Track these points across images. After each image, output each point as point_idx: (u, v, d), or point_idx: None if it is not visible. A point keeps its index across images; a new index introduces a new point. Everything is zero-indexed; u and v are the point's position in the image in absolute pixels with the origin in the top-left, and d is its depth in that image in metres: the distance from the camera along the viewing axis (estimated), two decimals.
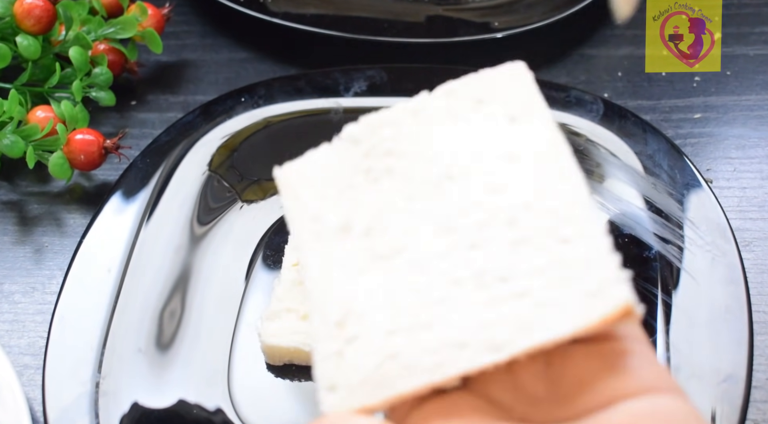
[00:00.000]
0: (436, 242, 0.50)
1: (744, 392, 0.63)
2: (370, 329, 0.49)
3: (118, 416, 0.66)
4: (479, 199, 0.50)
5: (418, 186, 0.52)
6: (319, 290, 0.51)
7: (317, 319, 0.51)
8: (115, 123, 0.91)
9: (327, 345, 0.50)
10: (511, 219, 0.49)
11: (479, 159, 0.52)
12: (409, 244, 0.50)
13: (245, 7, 0.94)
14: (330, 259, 0.52)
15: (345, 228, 0.52)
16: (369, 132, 0.56)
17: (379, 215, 0.52)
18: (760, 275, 0.75)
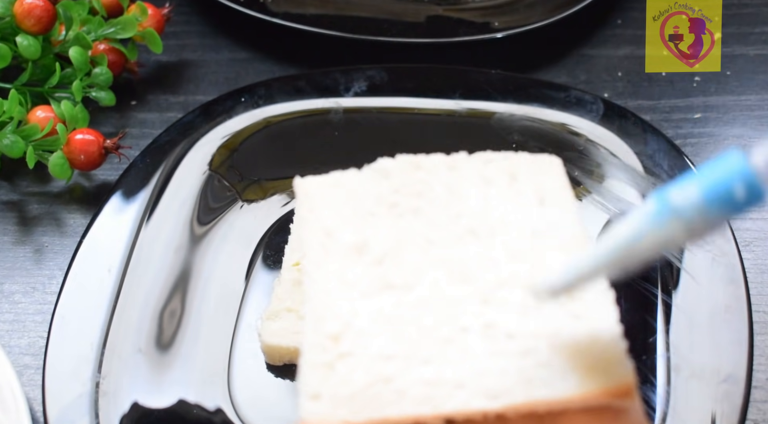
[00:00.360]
0: (450, 288, 0.52)
1: (744, 392, 0.63)
2: (367, 349, 0.50)
3: (118, 416, 0.66)
4: (499, 260, 0.53)
5: (442, 232, 0.55)
6: (318, 300, 0.53)
7: (311, 327, 0.52)
8: (115, 123, 0.91)
9: (317, 355, 0.51)
10: (527, 286, 0.51)
11: (505, 226, 0.55)
12: (422, 282, 0.53)
13: (245, 7, 0.94)
14: (336, 274, 0.54)
15: (359, 249, 0.54)
16: (402, 170, 0.59)
17: (397, 247, 0.54)
18: (760, 275, 0.75)
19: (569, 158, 0.80)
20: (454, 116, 0.84)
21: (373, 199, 0.57)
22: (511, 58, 0.93)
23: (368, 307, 0.52)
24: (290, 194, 0.80)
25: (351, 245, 0.55)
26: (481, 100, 0.85)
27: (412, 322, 0.51)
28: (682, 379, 0.65)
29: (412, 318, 0.51)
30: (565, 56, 0.95)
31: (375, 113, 0.85)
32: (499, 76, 0.87)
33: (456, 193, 0.57)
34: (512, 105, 0.83)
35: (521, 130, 0.82)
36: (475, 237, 0.54)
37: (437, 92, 0.86)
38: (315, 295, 0.53)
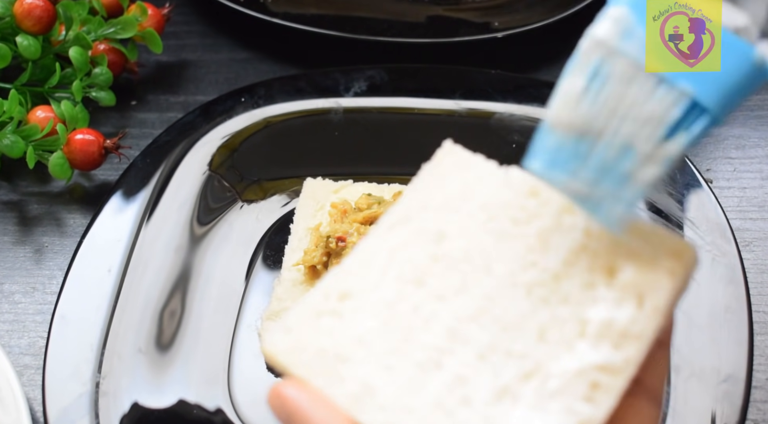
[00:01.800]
0: (480, 327, 0.50)
1: (744, 392, 0.63)
2: (357, 324, 0.49)
3: (118, 416, 0.66)
4: (533, 346, 0.49)
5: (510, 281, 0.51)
6: (359, 258, 0.52)
7: (335, 272, 0.51)
8: (115, 123, 0.91)
9: (317, 298, 0.50)
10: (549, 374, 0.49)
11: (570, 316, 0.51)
12: (453, 304, 0.50)
13: (245, 7, 0.94)
14: (390, 248, 0.52)
15: (432, 237, 0.52)
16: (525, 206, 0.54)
17: (463, 258, 0.51)
18: (760, 275, 0.75)
19: None
20: (454, 116, 0.84)
21: (498, 205, 0.53)
22: (511, 58, 0.93)
23: (391, 291, 0.50)
24: (290, 194, 0.80)
25: (425, 231, 0.52)
26: (481, 100, 0.85)
27: (412, 329, 0.50)
28: (682, 379, 0.65)
29: (415, 326, 0.50)
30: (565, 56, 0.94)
31: (375, 113, 0.85)
32: (499, 76, 0.87)
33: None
34: (512, 105, 0.83)
35: (521, 130, 0.82)
36: (544, 304, 0.50)
37: (437, 92, 0.86)
38: (363, 247, 0.52)
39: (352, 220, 0.73)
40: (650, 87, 0.46)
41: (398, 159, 0.82)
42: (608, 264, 0.49)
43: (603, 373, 0.47)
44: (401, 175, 0.81)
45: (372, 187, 0.79)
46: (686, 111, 0.46)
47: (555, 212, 0.51)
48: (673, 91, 0.46)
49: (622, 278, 0.49)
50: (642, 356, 0.47)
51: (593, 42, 0.46)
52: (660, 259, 0.49)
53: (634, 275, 0.49)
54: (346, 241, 0.71)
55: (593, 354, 0.47)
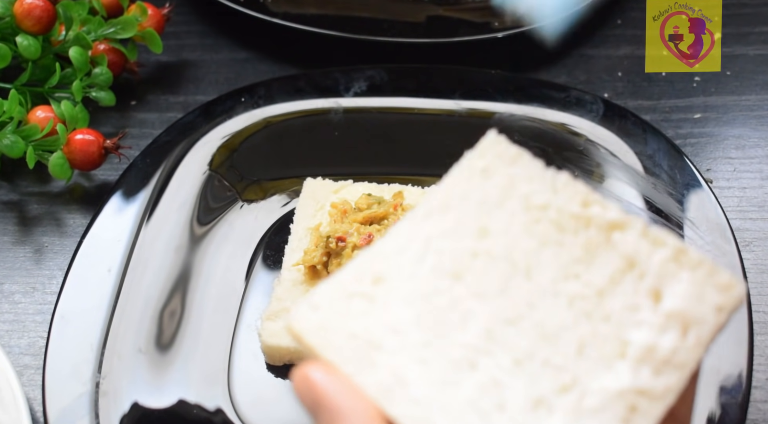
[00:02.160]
0: (516, 332, 0.49)
1: (744, 392, 0.63)
2: (390, 311, 0.49)
3: (118, 416, 0.66)
4: (571, 359, 0.49)
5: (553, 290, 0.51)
6: (396, 241, 0.51)
7: (370, 252, 0.50)
8: (115, 123, 0.91)
9: (349, 279, 0.49)
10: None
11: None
12: (492, 304, 0.50)
13: (245, 7, 0.94)
14: (428, 236, 0.51)
15: (475, 232, 0.51)
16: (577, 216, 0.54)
17: (505, 261, 0.51)
18: (760, 275, 0.75)
19: (569, 158, 0.80)
20: (454, 116, 0.84)
21: (545, 209, 0.52)
22: (511, 58, 0.93)
23: (427, 281, 0.50)
24: (290, 194, 0.80)
25: (466, 224, 0.51)
26: (481, 100, 0.85)
27: (448, 324, 0.49)
28: None
29: (452, 322, 0.49)
30: (565, 56, 0.95)
31: (375, 113, 0.85)
32: (499, 76, 0.87)
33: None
34: (512, 105, 0.84)
35: (521, 130, 0.82)
36: (586, 318, 0.50)
37: (437, 92, 0.86)
38: (399, 231, 0.51)
39: (352, 220, 0.73)
40: None
41: (398, 159, 0.83)
42: (654, 288, 0.49)
43: (642, 397, 0.47)
44: (401, 175, 0.81)
45: (372, 187, 0.79)
46: None
47: (604, 226, 0.51)
48: None
49: (667, 304, 0.49)
50: (683, 386, 0.47)
51: None
52: (707, 292, 0.49)
53: (681, 304, 0.48)
54: (346, 241, 0.71)
55: (634, 377, 0.47)
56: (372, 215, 0.73)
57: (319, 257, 0.72)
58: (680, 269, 0.49)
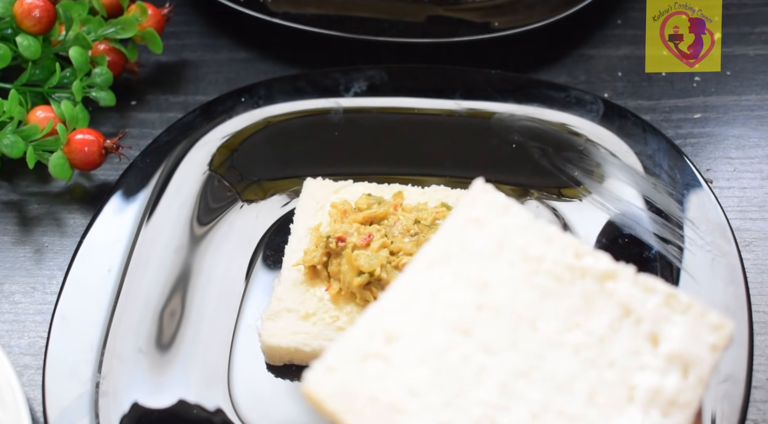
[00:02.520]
0: (527, 384, 0.51)
1: (744, 392, 0.63)
2: (406, 371, 0.50)
3: (118, 416, 0.66)
4: (583, 407, 0.51)
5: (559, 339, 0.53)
6: (403, 292, 0.52)
7: (379, 307, 0.52)
8: (115, 123, 0.91)
9: (362, 338, 0.51)
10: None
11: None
12: (501, 358, 0.51)
13: (245, 7, 0.94)
14: (434, 289, 0.53)
15: (477, 285, 0.53)
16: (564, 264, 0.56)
17: (508, 312, 0.53)
18: (760, 275, 0.75)
19: (569, 158, 0.80)
20: (454, 116, 0.84)
21: (541, 261, 0.54)
22: (511, 58, 0.93)
23: (439, 338, 0.51)
24: (290, 194, 0.80)
25: (467, 276, 0.53)
26: (481, 100, 0.85)
27: (464, 381, 0.50)
28: None
29: (467, 379, 0.50)
30: (565, 56, 0.95)
31: (375, 113, 0.85)
32: (499, 76, 0.87)
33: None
34: (512, 105, 0.83)
35: (521, 130, 0.82)
36: (592, 366, 0.52)
37: (437, 92, 0.86)
38: (404, 283, 0.53)
39: (352, 220, 0.73)
40: None
41: (398, 159, 0.83)
42: (651, 332, 0.52)
43: None
44: (401, 175, 0.81)
45: (372, 187, 0.79)
46: None
47: (598, 276, 0.54)
48: None
49: (665, 347, 0.51)
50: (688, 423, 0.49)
51: None
52: (701, 332, 0.52)
53: (678, 346, 0.51)
54: (346, 241, 0.71)
55: (644, 419, 0.50)
56: (372, 214, 0.73)
57: (319, 257, 0.72)
58: (673, 312, 0.52)
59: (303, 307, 0.71)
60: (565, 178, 0.79)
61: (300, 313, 0.70)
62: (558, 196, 0.78)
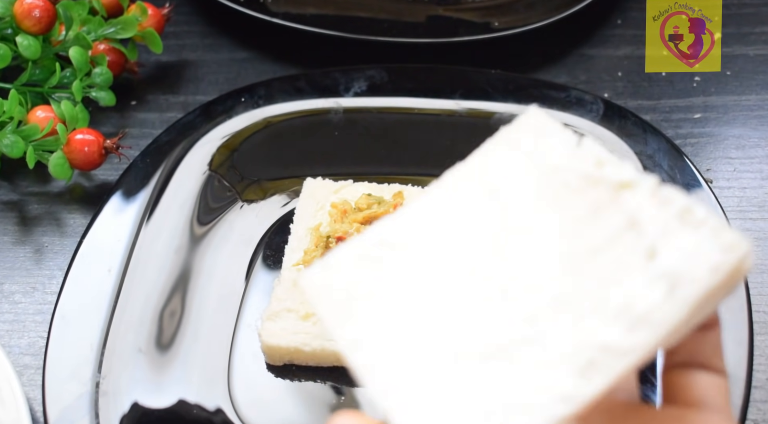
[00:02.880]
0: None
1: (744, 392, 0.63)
2: (400, 279, 0.49)
3: (118, 416, 0.66)
4: (548, 312, 0.48)
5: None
6: (409, 220, 0.52)
7: (382, 224, 0.51)
8: (115, 123, 0.91)
9: (363, 244, 0.50)
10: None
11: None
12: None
13: (245, 7, 0.94)
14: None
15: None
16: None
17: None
18: (760, 275, 0.75)
19: None
20: (454, 116, 0.84)
21: (557, 169, 0.51)
22: (511, 58, 0.93)
23: (435, 244, 0.50)
24: (290, 194, 0.80)
25: (481, 185, 0.52)
26: (481, 100, 0.85)
27: (436, 285, 0.49)
28: None
29: (440, 281, 0.49)
30: (565, 56, 0.95)
31: (375, 113, 0.85)
32: (499, 76, 0.87)
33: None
34: (512, 105, 0.83)
35: None
36: (573, 274, 0.48)
37: (437, 92, 0.86)
38: (420, 205, 0.52)
39: (352, 220, 0.73)
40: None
41: (398, 159, 0.83)
42: (651, 246, 0.47)
43: (604, 353, 0.45)
44: (401, 175, 0.81)
45: (372, 187, 0.79)
46: None
47: (614, 185, 0.49)
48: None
49: (661, 262, 0.46)
50: (654, 344, 0.45)
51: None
52: (706, 250, 0.46)
53: (675, 262, 0.46)
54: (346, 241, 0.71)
55: (599, 333, 0.45)
56: (372, 214, 0.73)
57: (320, 257, 0.72)
58: (682, 226, 0.47)
59: (303, 307, 0.71)
60: None
61: (300, 313, 0.70)
62: None
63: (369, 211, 0.74)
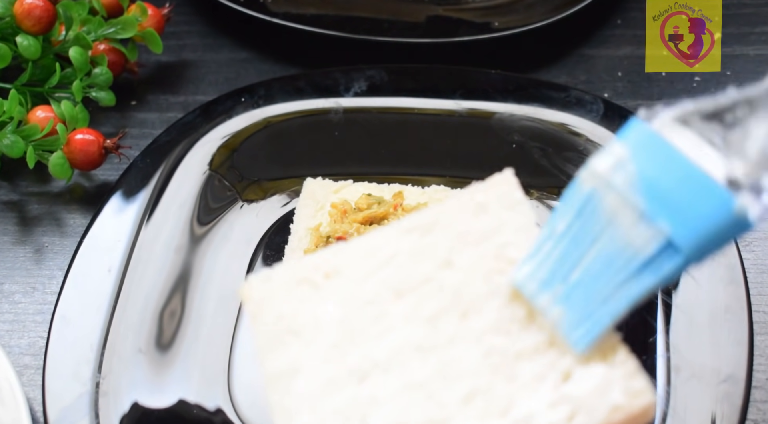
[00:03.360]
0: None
1: (744, 392, 0.63)
2: (328, 312, 0.51)
3: (118, 416, 0.66)
4: (454, 404, 0.50)
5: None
6: (356, 253, 0.54)
7: (328, 252, 0.53)
8: (115, 123, 0.91)
9: (306, 267, 0.52)
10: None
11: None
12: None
13: (245, 7, 0.94)
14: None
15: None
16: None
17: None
18: (760, 275, 0.75)
19: (569, 158, 0.80)
20: (454, 116, 0.84)
21: (505, 262, 0.53)
22: (511, 58, 0.93)
23: (371, 290, 0.52)
24: (290, 194, 0.80)
25: (436, 251, 0.53)
26: (481, 100, 0.85)
27: (364, 335, 0.51)
28: (682, 379, 0.65)
29: (369, 332, 0.51)
30: (565, 56, 0.95)
31: (375, 113, 0.85)
32: (499, 76, 0.87)
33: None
34: (512, 105, 0.83)
35: (521, 130, 0.82)
36: (492, 371, 0.51)
37: (437, 92, 0.86)
38: (372, 239, 0.53)
39: (352, 220, 0.73)
40: (631, 220, 0.47)
41: (398, 159, 0.82)
42: (569, 368, 0.49)
43: None
44: (401, 175, 0.81)
45: (372, 187, 0.79)
46: (661, 250, 0.46)
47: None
48: (651, 229, 0.46)
49: (570, 387, 0.49)
50: None
51: (589, 173, 0.48)
52: (614, 390, 0.49)
53: (583, 391, 0.49)
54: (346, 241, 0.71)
55: None
56: (372, 214, 0.73)
57: None
58: (602, 361, 0.49)
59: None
60: (565, 178, 0.79)
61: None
62: (558, 196, 0.78)
63: (369, 211, 0.74)
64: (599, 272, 0.48)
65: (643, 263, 0.47)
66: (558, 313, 0.49)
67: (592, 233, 0.48)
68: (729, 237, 0.46)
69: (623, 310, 0.47)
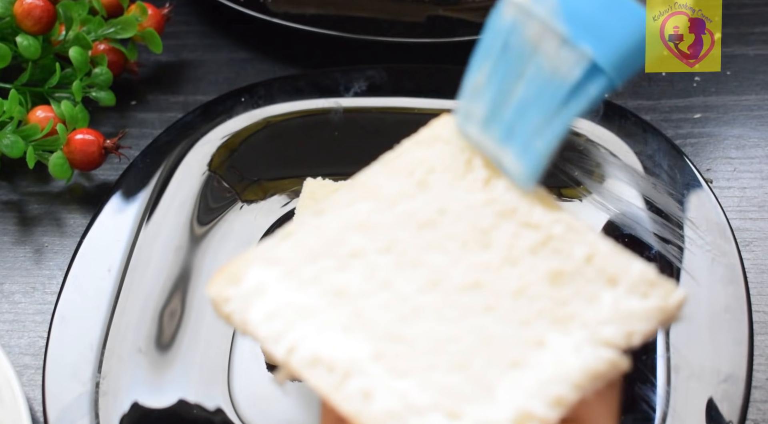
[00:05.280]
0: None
1: (744, 392, 0.63)
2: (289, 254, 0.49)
3: (118, 416, 0.66)
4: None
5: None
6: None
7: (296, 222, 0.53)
8: (115, 123, 0.91)
9: (266, 246, 0.50)
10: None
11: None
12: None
13: (245, 7, 0.94)
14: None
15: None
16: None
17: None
18: (760, 275, 0.75)
19: (569, 158, 0.80)
20: None
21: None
22: None
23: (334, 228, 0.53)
24: (290, 194, 0.80)
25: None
26: None
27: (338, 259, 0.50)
28: (682, 379, 0.65)
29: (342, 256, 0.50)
30: None
31: (375, 113, 0.85)
32: None
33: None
34: None
35: None
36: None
37: (437, 92, 0.86)
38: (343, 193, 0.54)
39: None
40: (555, 48, 0.47)
41: None
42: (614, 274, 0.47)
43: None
44: None
45: None
46: (586, 74, 0.47)
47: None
48: (574, 53, 0.47)
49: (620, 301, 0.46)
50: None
51: (509, 3, 0.49)
52: (650, 298, 0.46)
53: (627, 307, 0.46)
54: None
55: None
56: None
57: None
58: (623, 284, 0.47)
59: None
60: (565, 178, 0.79)
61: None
62: (558, 196, 0.78)
63: None
64: (531, 104, 0.48)
65: (570, 88, 0.47)
66: (504, 153, 0.49)
67: (518, 67, 0.49)
68: (644, 50, 0.47)
69: (558, 138, 0.47)
